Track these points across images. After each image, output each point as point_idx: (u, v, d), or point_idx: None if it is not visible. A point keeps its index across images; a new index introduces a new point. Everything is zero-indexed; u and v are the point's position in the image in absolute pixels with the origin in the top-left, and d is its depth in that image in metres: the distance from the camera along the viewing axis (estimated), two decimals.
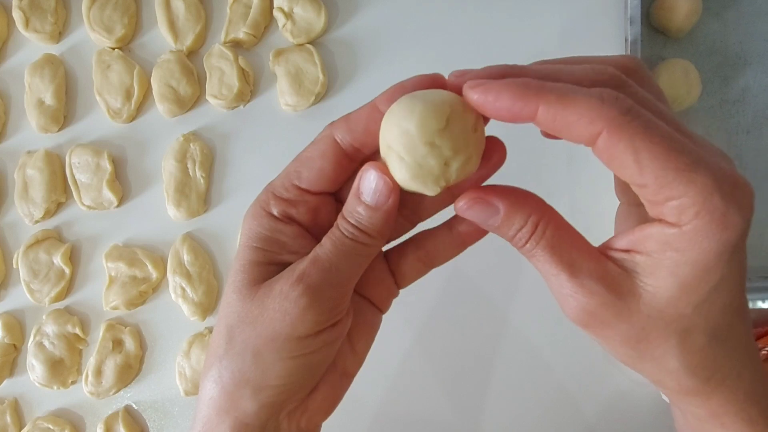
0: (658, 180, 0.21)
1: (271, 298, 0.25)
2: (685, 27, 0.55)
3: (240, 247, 0.27)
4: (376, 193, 0.24)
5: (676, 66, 0.54)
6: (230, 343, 0.26)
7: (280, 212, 0.26)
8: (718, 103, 0.56)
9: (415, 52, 0.61)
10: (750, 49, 0.56)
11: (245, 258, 0.26)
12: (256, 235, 0.26)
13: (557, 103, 0.22)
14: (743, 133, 0.56)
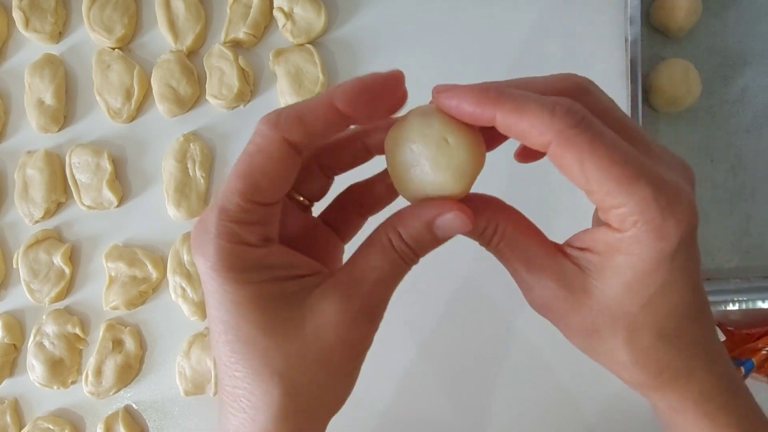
0: (601, 189, 0.23)
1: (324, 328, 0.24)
2: (685, 26, 0.55)
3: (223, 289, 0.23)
4: (450, 231, 0.26)
5: (676, 66, 0.54)
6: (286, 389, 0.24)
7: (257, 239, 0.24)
8: (718, 102, 0.56)
9: (415, 52, 0.61)
10: (750, 49, 0.56)
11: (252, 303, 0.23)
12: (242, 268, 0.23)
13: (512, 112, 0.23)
14: (743, 133, 0.56)
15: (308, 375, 0.25)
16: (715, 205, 0.57)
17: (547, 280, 0.26)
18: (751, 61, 0.56)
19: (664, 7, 0.54)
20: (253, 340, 0.24)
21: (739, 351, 0.53)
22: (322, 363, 0.25)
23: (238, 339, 0.24)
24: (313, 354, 0.24)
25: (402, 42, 0.61)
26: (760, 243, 0.56)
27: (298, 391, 0.25)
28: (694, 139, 0.56)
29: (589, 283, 0.25)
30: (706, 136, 0.57)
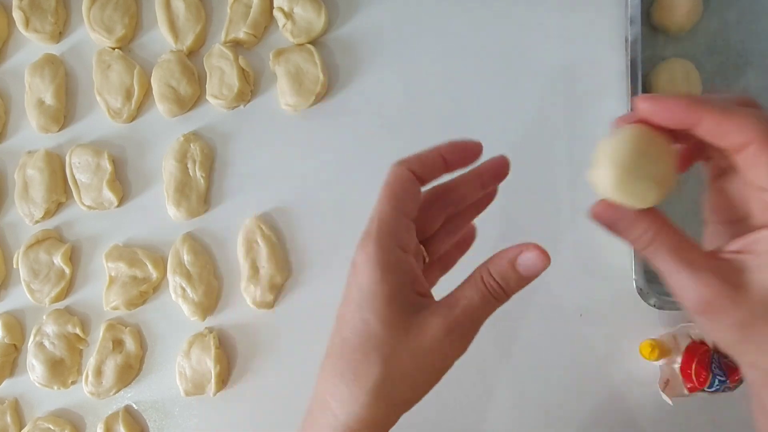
0: None
1: (430, 338, 0.31)
2: (686, 26, 0.55)
3: (378, 283, 0.31)
4: (533, 269, 0.31)
5: (676, 65, 0.54)
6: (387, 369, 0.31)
7: (402, 244, 0.32)
8: None
9: (415, 52, 0.61)
10: (751, 49, 0.56)
11: (389, 293, 0.31)
12: (397, 270, 0.31)
13: (720, 115, 0.27)
14: None
15: (404, 369, 0.31)
16: None
17: (710, 278, 0.28)
18: (752, 61, 0.56)
19: (665, 7, 0.54)
20: (375, 325, 0.31)
21: None
22: (416, 364, 0.31)
23: (364, 319, 0.31)
24: (412, 354, 0.31)
25: (402, 42, 0.61)
26: None
27: (392, 378, 0.31)
28: None
29: (747, 281, 0.28)
30: None
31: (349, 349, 0.31)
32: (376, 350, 0.31)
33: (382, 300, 0.31)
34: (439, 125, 0.60)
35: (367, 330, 0.31)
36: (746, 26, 0.56)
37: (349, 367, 0.31)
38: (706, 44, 0.57)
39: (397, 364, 0.31)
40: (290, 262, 0.62)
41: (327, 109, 0.62)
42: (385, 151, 0.61)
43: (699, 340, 0.53)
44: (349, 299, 0.32)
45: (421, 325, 0.31)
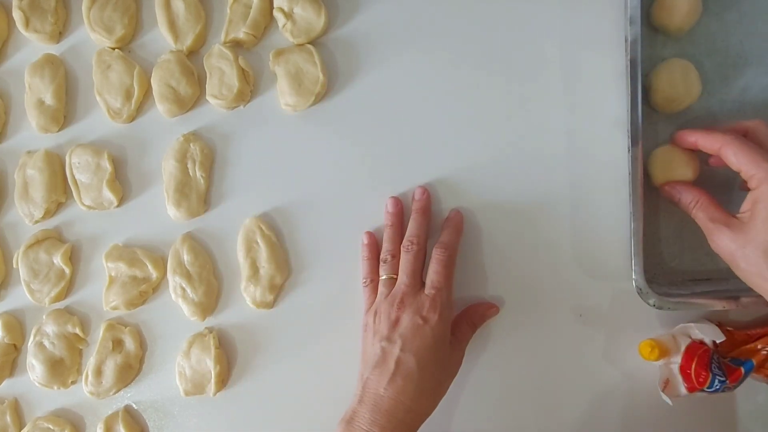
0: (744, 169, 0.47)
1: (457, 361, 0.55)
2: (685, 26, 0.54)
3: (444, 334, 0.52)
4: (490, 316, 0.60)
5: (676, 66, 0.54)
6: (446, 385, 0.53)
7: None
8: (718, 102, 0.56)
9: (415, 52, 0.61)
10: (750, 49, 0.56)
11: (449, 337, 0.52)
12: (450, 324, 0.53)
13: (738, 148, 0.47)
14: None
15: (451, 381, 0.54)
16: None
17: (724, 228, 0.47)
18: (752, 61, 0.56)
19: (664, 7, 0.54)
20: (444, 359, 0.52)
21: (739, 351, 0.53)
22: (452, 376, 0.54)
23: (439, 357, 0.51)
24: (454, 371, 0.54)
25: (402, 42, 0.61)
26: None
27: (447, 387, 0.53)
28: None
29: (746, 227, 0.46)
30: None
31: (431, 376, 0.50)
32: (445, 372, 0.52)
33: (448, 344, 0.52)
34: (440, 125, 0.60)
35: (441, 363, 0.51)
36: (746, 26, 0.56)
37: (432, 386, 0.50)
38: (706, 44, 0.57)
39: (448, 381, 0.53)
40: (290, 262, 0.62)
41: (327, 109, 0.62)
42: (385, 151, 0.61)
43: (699, 340, 0.53)
44: (424, 342, 0.50)
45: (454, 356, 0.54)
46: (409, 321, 0.51)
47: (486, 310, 0.57)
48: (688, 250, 0.56)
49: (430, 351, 0.50)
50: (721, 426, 0.57)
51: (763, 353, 0.52)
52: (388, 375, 0.49)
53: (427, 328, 0.50)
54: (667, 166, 0.53)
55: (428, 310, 0.51)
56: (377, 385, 0.49)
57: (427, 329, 0.50)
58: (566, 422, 0.58)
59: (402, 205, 0.59)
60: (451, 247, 0.55)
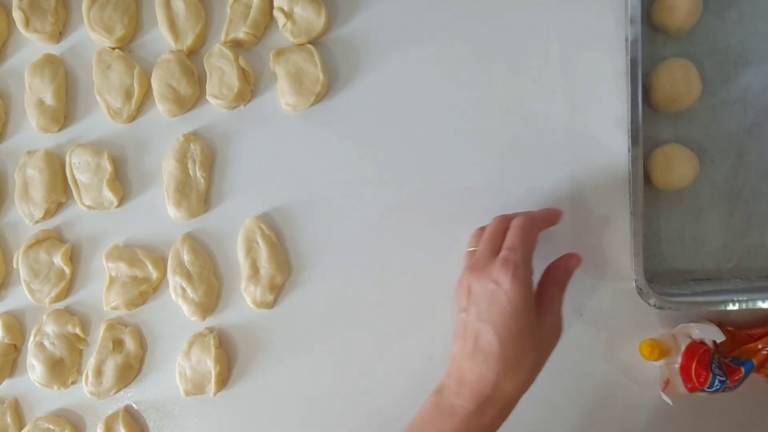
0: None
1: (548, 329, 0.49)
2: (686, 26, 0.54)
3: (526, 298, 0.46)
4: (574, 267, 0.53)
5: (676, 65, 0.54)
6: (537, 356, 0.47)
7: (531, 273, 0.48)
8: (719, 102, 0.56)
9: (416, 51, 0.61)
10: (751, 48, 0.56)
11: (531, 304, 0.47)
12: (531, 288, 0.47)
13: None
14: (744, 133, 0.56)
15: (542, 354, 0.48)
16: (715, 205, 0.56)
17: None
18: (753, 60, 0.56)
19: (665, 7, 0.54)
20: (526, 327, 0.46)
21: (739, 351, 0.53)
22: (546, 348, 0.48)
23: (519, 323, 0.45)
24: (545, 343, 0.48)
25: (402, 42, 0.61)
26: (761, 243, 0.56)
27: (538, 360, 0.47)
28: (695, 138, 0.56)
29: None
30: (706, 135, 0.56)
31: (512, 346, 0.45)
32: (530, 342, 0.46)
33: (528, 309, 0.46)
34: (439, 125, 0.60)
35: (522, 330, 0.45)
36: (746, 26, 0.56)
37: (516, 357, 0.45)
38: (706, 44, 0.56)
39: (540, 350, 0.47)
40: (290, 262, 0.62)
41: (327, 109, 0.62)
42: (385, 151, 0.61)
43: (699, 340, 0.53)
44: (500, 310, 0.45)
45: (544, 323, 0.48)
46: (480, 287, 0.47)
47: (567, 261, 0.51)
48: (689, 249, 0.56)
49: (509, 318, 0.45)
50: (721, 426, 0.57)
51: (763, 353, 0.52)
52: (469, 348, 0.46)
53: (500, 293, 0.45)
54: (667, 167, 0.53)
55: (499, 273, 0.46)
56: (461, 357, 0.47)
57: (500, 294, 0.45)
58: (566, 422, 0.58)
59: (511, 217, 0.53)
60: (533, 216, 0.51)
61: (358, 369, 0.60)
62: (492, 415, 0.45)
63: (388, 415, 0.60)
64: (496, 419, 0.46)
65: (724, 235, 0.56)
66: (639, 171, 0.52)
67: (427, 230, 0.60)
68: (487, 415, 0.45)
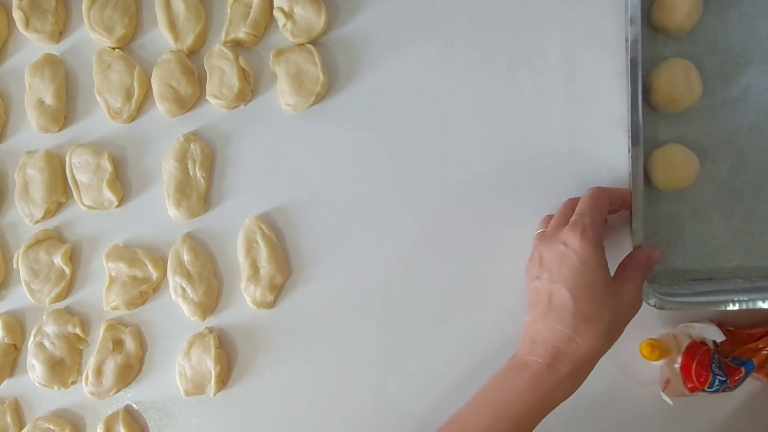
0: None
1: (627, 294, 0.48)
2: (686, 26, 0.54)
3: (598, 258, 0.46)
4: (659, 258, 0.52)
5: (677, 65, 0.54)
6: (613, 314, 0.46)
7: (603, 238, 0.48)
8: (720, 102, 0.56)
9: (416, 51, 0.61)
10: (752, 48, 0.56)
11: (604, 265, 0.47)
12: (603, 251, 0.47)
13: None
14: (745, 133, 0.56)
15: (618, 314, 0.47)
16: (716, 205, 0.56)
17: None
18: (754, 60, 0.56)
19: (665, 7, 0.54)
20: (599, 285, 0.46)
21: (740, 351, 0.53)
22: (624, 311, 0.48)
23: (591, 280, 0.46)
24: (622, 305, 0.47)
25: (402, 42, 0.61)
26: (762, 242, 0.56)
27: (615, 320, 0.46)
28: (696, 138, 0.56)
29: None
30: (707, 135, 0.56)
31: (586, 302, 0.45)
32: (605, 301, 0.46)
33: (603, 269, 0.46)
34: (439, 125, 0.60)
35: (596, 288, 0.46)
36: (747, 26, 0.56)
37: (590, 312, 0.45)
38: (707, 44, 0.56)
39: (616, 311, 0.46)
40: (290, 262, 0.62)
41: (327, 109, 0.62)
42: (385, 151, 0.61)
43: (699, 340, 0.53)
44: (572, 268, 0.46)
45: (622, 289, 0.48)
46: (550, 252, 0.48)
47: (651, 251, 0.51)
48: (689, 249, 0.56)
49: (581, 275, 0.45)
50: (721, 426, 0.57)
51: (764, 353, 0.52)
52: (542, 309, 0.46)
53: (570, 253, 0.46)
54: (668, 168, 0.53)
55: (568, 235, 0.47)
56: (534, 321, 0.47)
57: (570, 253, 0.46)
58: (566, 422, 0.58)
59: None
60: (606, 189, 0.51)
61: (358, 369, 0.60)
62: (566, 371, 0.45)
63: (388, 414, 0.60)
64: (570, 378, 0.45)
65: (724, 234, 0.56)
66: (639, 171, 0.52)
67: (428, 229, 0.60)
68: (560, 371, 0.45)
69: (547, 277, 0.47)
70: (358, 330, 0.60)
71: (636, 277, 0.49)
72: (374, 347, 0.60)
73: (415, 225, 0.60)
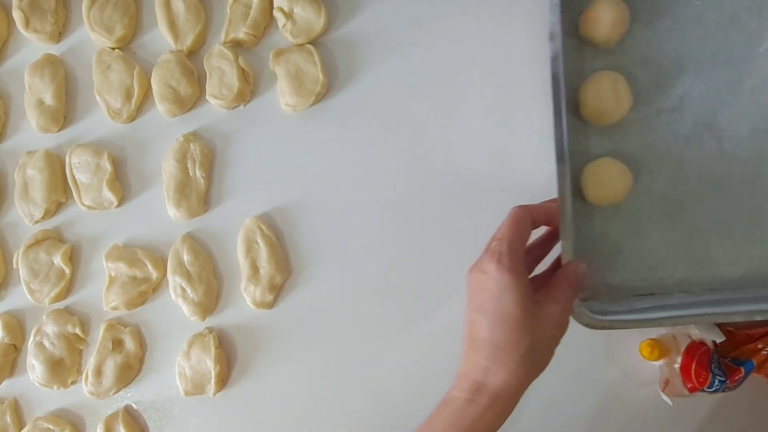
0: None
1: (550, 317, 0.45)
2: (613, 38, 0.53)
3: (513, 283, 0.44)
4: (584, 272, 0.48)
5: (604, 78, 0.52)
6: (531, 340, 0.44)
7: (521, 259, 0.46)
8: (656, 112, 0.54)
9: (415, 51, 0.61)
10: (686, 56, 0.53)
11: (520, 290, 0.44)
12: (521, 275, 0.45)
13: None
14: (683, 142, 0.53)
15: (539, 340, 0.44)
16: (655, 218, 0.53)
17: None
18: (689, 68, 0.53)
19: (589, 20, 0.53)
20: (516, 311, 0.43)
21: (739, 351, 0.53)
22: (546, 336, 0.45)
23: (508, 308, 0.43)
24: (543, 329, 0.44)
25: (402, 42, 0.61)
26: (706, 255, 0.52)
27: (534, 346, 0.44)
28: (631, 150, 0.54)
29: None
30: (644, 146, 0.54)
31: (501, 330, 0.44)
32: (522, 327, 0.43)
33: (518, 294, 0.44)
34: (439, 125, 0.60)
35: (512, 315, 0.44)
36: (679, 34, 0.54)
37: (506, 341, 0.44)
38: (639, 54, 0.54)
39: (536, 335, 0.44)
40: (290, 262, 0.62)
41: (327, 109, 0.62)
42: (385, 151, 0.61)
43: (699, 340, 0.53)
44: (488, 296, 0.45)
45: (545, 310, 0.45)
46: (473, 280, 0.47)
47: (576, 266, 0.49)
48: (629, 264, 0.54)
49: (498, 302, 0.44)
50: (721, 426, 0.57)
51: (763, 353, 0.52)
52: (467, 340, 0.46)
53: (487, 279, 0.45)
54: (599, 182, 0.51)
55: (485, 261, 0.46)
56: (462, 353, 0.46)
57: (487, 280, 0.45)
58: (566, 422, 0.58)
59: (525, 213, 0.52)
60: (528, 207, 0.49)
61: (358, 369, 0.60)
62: (485, 403, 0.44)
63: (388, 414, 0.60)
64: (491, 410, 0.44)
65: (666, 248, 0.53)
66: (566, 188, 0.49)
67: (428, 229, 0.60)
68: (479, 404, 0.44)
69: (470, 306, 0.47)
70: (358, 330, 0.60)
71: (561, 296, 0.47)
72: (374, 347, 0.60)
73: (415, 224, 0.60)
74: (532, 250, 0.52)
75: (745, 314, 0.48)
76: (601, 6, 0.52)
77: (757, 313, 0.48)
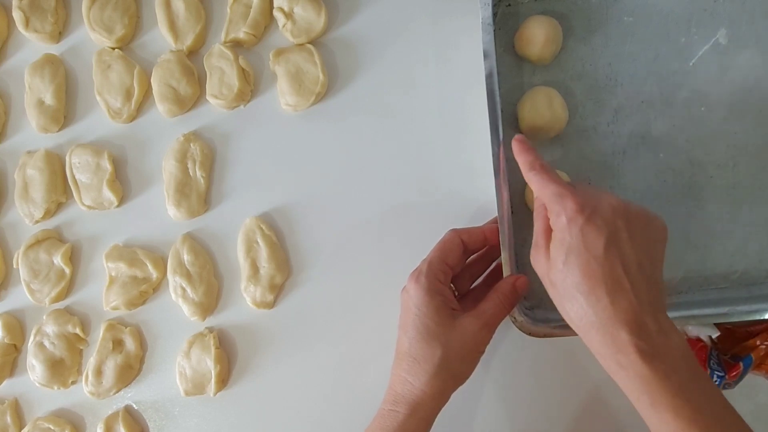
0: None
1: (466, 331, 0.48)
2: (546, 55, 0.54)
3: (428, 301, 0.48)
4: (524, 288, 0.50)
5: (539, 94, 0.53)
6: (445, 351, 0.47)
7: (443, 281, 0.50)
8: (592, 126, 0.55)
9: (415, 51, 0.61)
10: (620, 70, 0.55)
11: (435, 306, 0.48)
12: (437, 294, 0.49)
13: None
14: (620, 155, 0.55)
15: (455, 351, 0.47)
16: None
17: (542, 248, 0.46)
18: (623, 81, 0.55)
19: (522, 39, 0.54)
20: (431, 325, 0.48)
21: (739, 348, 0.54)
22: (462, 347, 0.48)
23: (423, 323, 0.48)
24: (460, 342, 0.48)
25: (402, 42, 0.61)
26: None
27: (448, 357, 0.47)
28: (570, 163, 0.55)
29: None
30: (582, 159, 0.55)
31: (417, 344, 0.48)
32: (436, 340, 0.47)
33: (433, 310, 0.48)
34: (439, 125, 0.60)
35: (427, 329, 0.48)
36: (613, 48, 0.55)
37: (420, 353, 0.48)
38: (575, 69, 0.56)
39: (450, 348, 0.47)
40: (290, 262, 0.62)
41: (327, 109, 0.62)
42: (385, 151, 0.61)
43: (696, 337, 0.53)
44: (408, 313, 0.49)
45: (462, 324, 0.48)
46: (402, 299, 0.51)
47: (515, 280, 0.51)
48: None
49: (414, 318, 0.48)
50: None
51: (761, 348, 0.53)
52: (395, 355, 0.50)
53: (408, 298, 0.49)
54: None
55: (408, 281, 0.50)
56: (392, 368, 0.51)
57: (408, 299, 0.49)
58: (566, 422, 0.59)
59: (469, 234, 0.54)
60: (459, 231, 0.52)
61: (358, 369, 0.60)
62: (404, 413, 0.47)
63: None
64: (411, 419, 0.47)
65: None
66: (504, 201, 0.51)
67: (428, 230, 0.60)
68: (399, 413, 0.48)
69: (399, 323, 0.50)
70: (358, 330, 0.60)
71: (486, 311, 0.49)
72: (374, 347, 0.60)
73: (414, 224, 0.60)
74: (470, 266, 0.55)
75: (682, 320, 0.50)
76: (533, 25, 0.54)
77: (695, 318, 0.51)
